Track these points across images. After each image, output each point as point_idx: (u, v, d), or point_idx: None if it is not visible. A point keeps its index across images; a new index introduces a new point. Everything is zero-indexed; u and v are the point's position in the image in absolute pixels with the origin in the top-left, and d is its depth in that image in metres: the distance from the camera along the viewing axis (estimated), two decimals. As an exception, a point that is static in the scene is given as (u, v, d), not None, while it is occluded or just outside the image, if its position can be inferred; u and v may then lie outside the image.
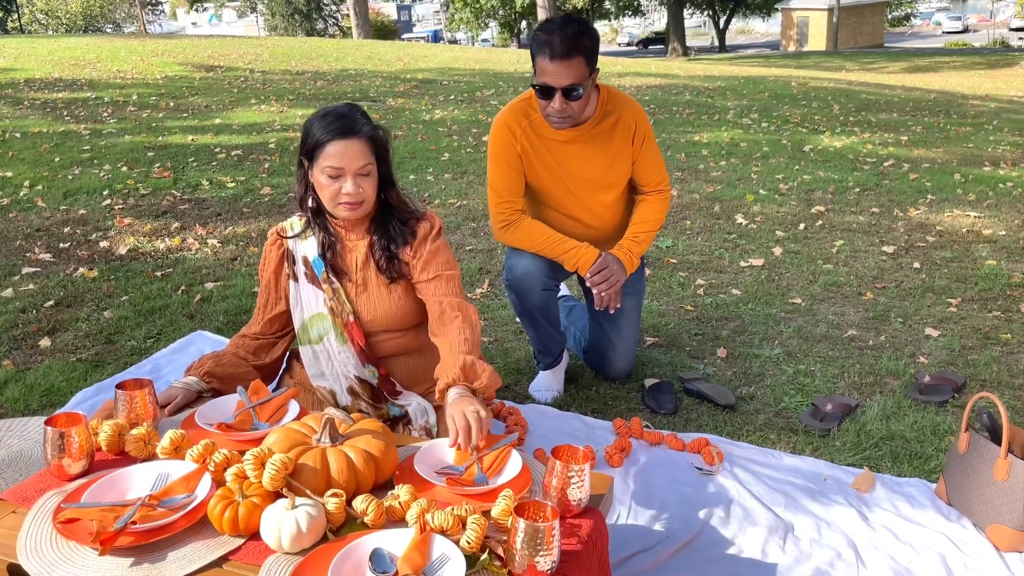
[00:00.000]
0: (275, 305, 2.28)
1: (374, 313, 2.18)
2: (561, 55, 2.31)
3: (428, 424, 2.18)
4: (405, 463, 1.78)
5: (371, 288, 2.19)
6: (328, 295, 2.19)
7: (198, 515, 1.57)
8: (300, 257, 2.22)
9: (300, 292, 2.22)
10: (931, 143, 7.79)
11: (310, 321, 2.23)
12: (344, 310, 2.19)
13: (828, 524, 2.16)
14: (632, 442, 2.51)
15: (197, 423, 1.89)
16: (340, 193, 2.05)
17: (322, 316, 2.21)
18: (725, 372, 3.01)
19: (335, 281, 2.19)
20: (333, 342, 2.21)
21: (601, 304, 2.55)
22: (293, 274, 2.23)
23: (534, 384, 2.81)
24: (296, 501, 1.52)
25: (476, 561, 1.47)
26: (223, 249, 4.41)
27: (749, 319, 3.46)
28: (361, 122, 2.06)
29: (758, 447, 2.50)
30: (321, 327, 2.21)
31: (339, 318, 2.19)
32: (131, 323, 3.43)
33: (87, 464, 1.74)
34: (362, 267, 2.19)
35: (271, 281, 2.27)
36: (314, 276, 2.20)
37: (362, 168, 2.05)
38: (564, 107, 2.39)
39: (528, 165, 2.57)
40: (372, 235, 2.18)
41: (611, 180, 2.60)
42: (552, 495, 1.61)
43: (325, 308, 2.20)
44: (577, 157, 2.54)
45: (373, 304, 2.18)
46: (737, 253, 4.32)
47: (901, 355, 3.12)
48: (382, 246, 2.17)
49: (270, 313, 2.29)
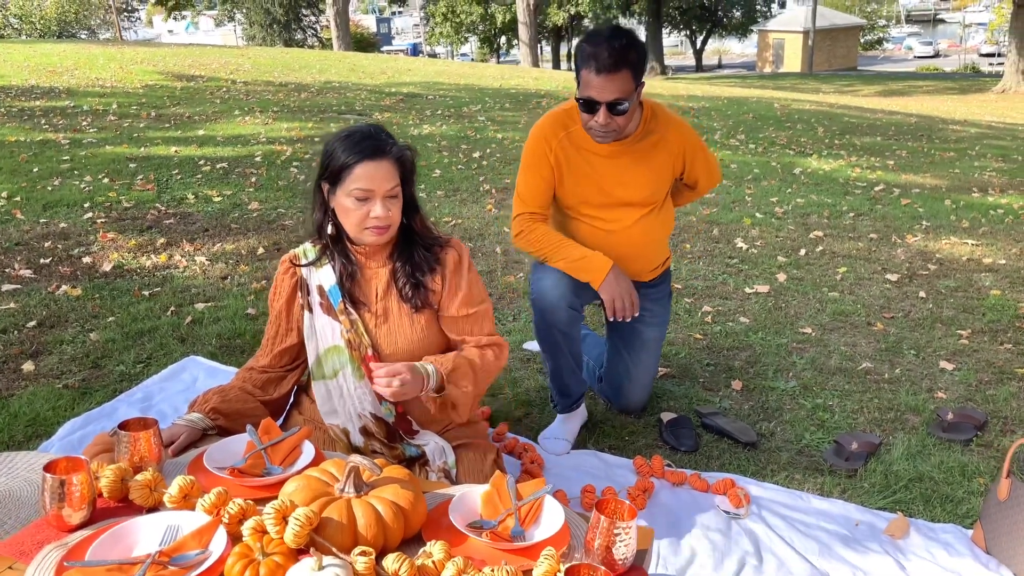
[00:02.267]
0: (286, 337, 2.15)
1: (395, 346, 2.06)
2: (608, 68, 2.23)
3: (446, 465, 2.06)
4: (433, 514, 1.66)
5: (392, 319, 2.07)
6: (345, 327, 2.06)
7: (214, 575, 1.44)
8: (315, 286, 2.09)
9: (315, 323, 2.10)
10: (918, 168, 7.82)
11: (325, 355, 2.10)
12: (362, 343, 2.06)
13: (865, 573, 2.06)
14: (654, 482, 2.41)
15: (206, 467, 1.76)
16: (368, 217, 1.95)
17: (339, 349, 2.08)
18: (742, 406, 2.92)
19: (353, 312, 2.06)
20: (349, 377, 2.08)
21: (615, 314, 2.44)
22: (308, 304, 2.11)
23: (546, 431, 2.67)
24: (323, 560, 1.40)
25: (523, 629, 1.36)
26: (212, 267, 4.26)
27: (760, 349, 3.38)
28: (389, 142, 1.97)
29: (785, 488, 2.41)
30: (337, 361, 2.08)
31: (356, 351, 2.07)
32: (119, 346, 3.27)
33: (88, 513, 1.60)
34: (383, 296, 2.07)
35: (283, 312, 2.14)
36: (330, 306, 2.07)
37: (391, 190, 1.95)
38: (608, 121, 2.31)
39: (560, 177, 2.49)
40: (395, 262, 2.07)
41: (647, 197, 2.52)
42: (596, 553, 1.50)
43: (342, 340, 2.07)
44: (615, 172, 2.47)
45: (394, 336, 2.06)
46: (741, 279, 4.25)
47: (919, 389, 3.05)
48: (406, 273, 2.06)
49: (280, 346, 2.16)
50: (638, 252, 2.58)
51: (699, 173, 2.62)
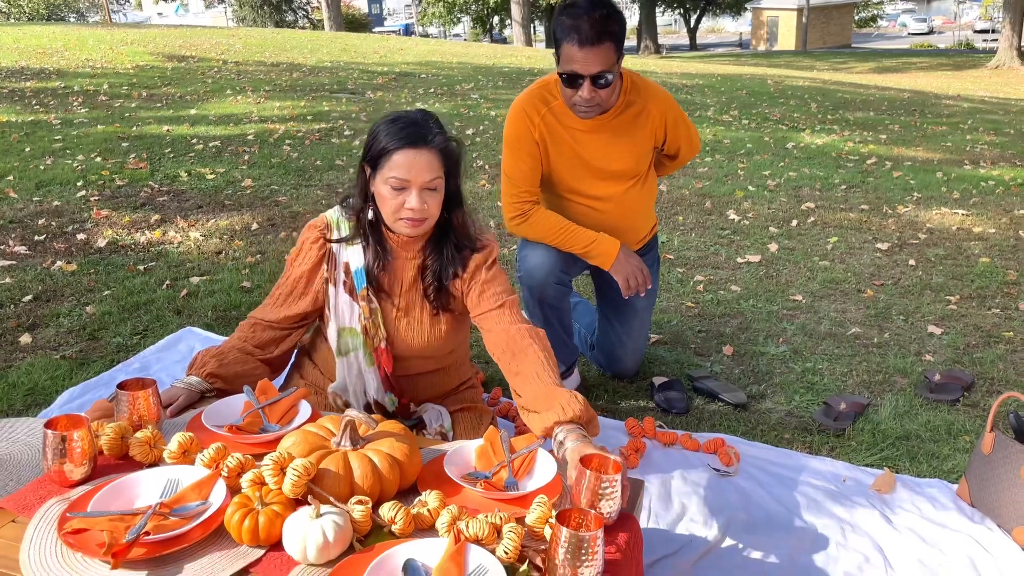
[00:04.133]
0: (299, 300, 2.10)
1: (412, 340, 2.04)
2: (590, 41, 2.21)
3: (443, 428, 2.09)
4: (429, 467, 1.70)
5: (414, 314, 2.04)
6: (364, 313, 2.04)
7: (214, 524, 1.48)
8: (342, 263, 2.05)
9: (337, 300, 2.07)
10: (910, 142, 7.84)
11: (342, 333, 2.08)
12: (378, 334, 2.04)
13: (852, 527, 2.11)
14: (646, 442, 2.45)
15: (205, 425, 1.79)
16: (403, 207, 1.89)
17: (354, 332, 2.06)
18: (733, 370, 2.95)
19: (374, 300, 2.03)
20: (361, 360, 2.08)
21: (629, 291, 2.47)
22: (333, 279, 2.07)
23: None
24: (321, 509, 1.43)
25: (514, 572, 1.39)
26: (206, 242, 4.27)
27: (752, 316, 3.42)
28: (434, 131, 1.89)
29: (774, 447, 2.45)
30: (352, 342, 2.07)
31: (371, 340, 2.06)
32: (115, 319, 3.29)
33: (89, 469, 1.63)
34: (408, 288, 2.04)
35: (304, 277, 2.08)
36: (353, 288, 2.04)
37: (430, 182, 1.87)
38: (592, 95, 2.30)
39: (546, 153, 2.47)
40: (427, 257, 2.02)
41: (631, 169, 2.52)
42: (582, 505, 1.53)
43: (359, 325, 2.05)
44: (598, 147, 2.45)
45: (413, 331, 2.04)
46: (733, 249, 4.28)
47: (907, 353, 3.09)
48: (434, 272, 2.01)
49: (292, 308, 2.10)
50: (627, 224, 2.59)
51: (680, 142, 2.60)
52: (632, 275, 2.44)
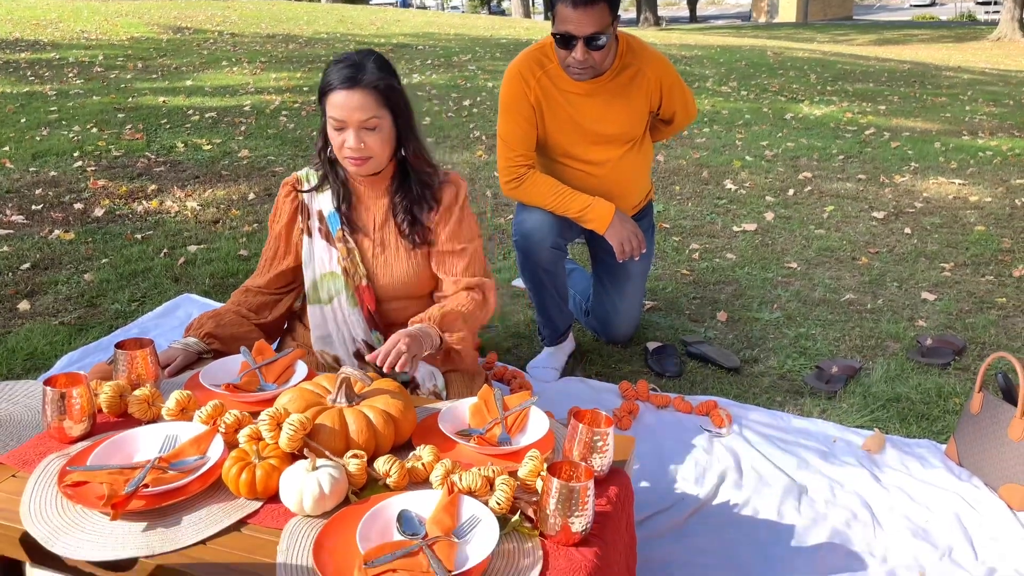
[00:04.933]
0: (283, 259, 2.18)
1: (390, 277, 2.09)
2: (584, 1, 2.20)
3: (436, 388, 2.11)
4: (423, 424, 1.72)
5: (390, 250, 2.09)
6: (342, 254, 2.10)
7: (212, 478, 1.50)
8: (315, 211, 2.12)
9: (313, 248, 2.13)
10: (909, 112, 7.81)
11: (321, 280, 2.14)
12: (357, 272, 2.10)
13: (841, 485, 2.14)
14: (639, 405, 2.47)
15: (202, 384, 1.81)
16: (344, 147, 1.94)
17: (334, 275, 2.11)
18: (726, 335, 2.98)
19: (350, 240, 2.09)
20: (344, 303, 2.12)
21: (624, 256, 2.48)
22: (307, 229, 2.13)
23: (535, 360, 2.73)
24: (317, 462, 1.46)
25: (507, 523, 1.42)
26: (203, 212, 4.28)
27: (746, 283, 3.44)
28: (370, 71, 1.92)
29: (766, 409, 2.48)
30: (332, 287, 2.12)
31: (351, 279, 2.10)
32: (113, 286, 3.31)
33: (89, 426, 1.65)
34: (380, 227, 2.09)
35: (282, 234, 2.16)
36: (328, 233, 2.10)
37: (366, 121, 1.91)
38: (586, 57, 2.30)
39: (541, 117, 2.47)
40: (393, 196, 2.07)
41: (627, 134, 2.52)
42: (574, 459, 1.56)
43: (338, 267, 2.11)
44: (594, 110, 2.46)
45: (390, 267, 2.09)
46: (729, 218, 4.29)
47: (900, 319, 3.11)
48: (404, 208, 2.06)
49: (277, 268, 2.18)
50: (622, 190, 2.60)
51: (676, 106, 2.59)
52: (627, 239, 2.46)
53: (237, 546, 1.38)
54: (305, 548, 1.36)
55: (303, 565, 1.32)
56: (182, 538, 1.38)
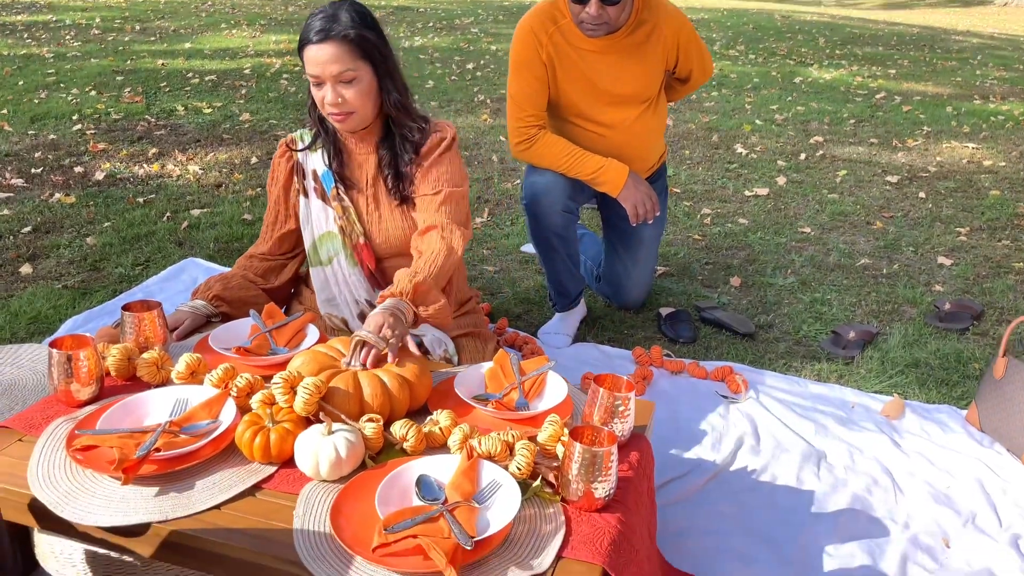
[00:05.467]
0: (284, 223, 2.14)
1: (386, 234, 2.04)
2: None
3: (447, 353, 2.07)
4: (439, 388, 1.68)
5: (383, 207, 2.04)
6: (338, 213, 2.05)
7: (224, 442, 1.47)
8: (310, 171, 2.07)
9: (310, 209, 2.08)
10: (919, 76, 7.69)
11: (320, 240, 2.09)
12: (354, 230, 2.05)
13: (861, 451, 2.11)
14: (653, 371, 2.43)
15: (212, 347, 1.77)
16: (324, 103, 1.88)
17: (332, 235, 2.07)
18: (740, 301, 2.93)
19: (345, 198, 2.04)
20: (343, 263, 2.08)
21: (637, 220, 2.43)
22: (303, 189, 2.09)
23: (546, 326, 2.68)
24: (333, 426, 1.42)
25: (527, 488, 1.39)
26: (206, 175, 4.21)
27: (759, 248, 3.38)
28: (342, 22, 1.82)
29: (782, 375, 2.44)
30: (331, 247, 2.07)
31: (349, 238, 2.05)
32: (116, 250, 3.26)
33: (97, 390, 1.61)
34: (372, 183, 2.04)
35: (280, 197, 2.12)
36: (324, 192, 2.05)
37: (340, 75, 1.83)
38: (600, 12, 2.22)
39: (553, 75, 2.39)
40: (381, 150, 2.01)
41: (642, 93, 2.45)
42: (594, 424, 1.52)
43: (335, 227, 2.06)
44: (608, 68, 2.38)
45: (386, 224, 2.04)
46: (740, 183, 4.23)
47: (916, 283, 3.06)
48: (388, 163, 2.00)
49: (279, 231, 2.14)
50: (635, 152, 2.53)
51: (693, 64, 2.51)
52: (640, 202, 2.40)
53: (252, 511, 1.34)
54: (322, 513, 1.32)
55: (320, 531, 1.29)
56: (196, 503, 1.34)
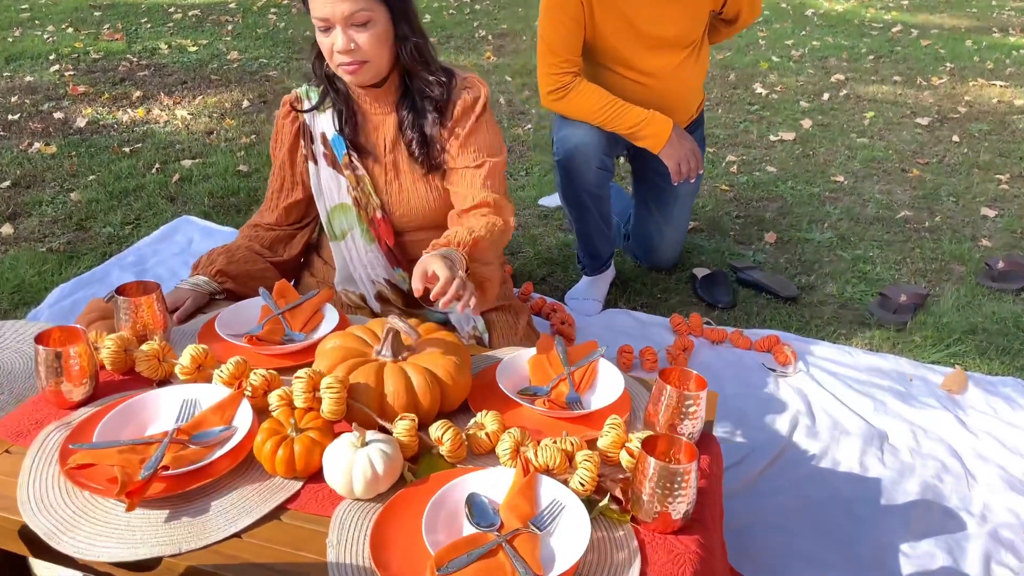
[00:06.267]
0: (292, 191, 1.90)
1: (407, 206, 1.81)
2: None
3: (477, 331, 1.87)
4: (478, 381, 1.49)
5: (403, 176, 1.80)
6: (351, 183, 1.81)
7: (242, 454, 1.28)
8: (318, 134, 1.82)
9: (320, 177, 1.85)
10: (933, 8, 7.38)
11: (333, 213, 1.86)
12: (370, 203, 1.81)
13: (924, 431, 1.95)
14: (693, 340, 2.26)
15: (219, 334, 1.57)
16: (333, 52, 1.63)
17: (345, 208, 1.84)
18: (777, 259, 2.74)
19: (359, 167, 1.80)
20: (358, 239, 1.85)
21: (680, 178, 2.21)
22: (311, 155, 1.84)
23: (573, 291, 2.48)
24: (367, 436, 1.24)
25: (593, 506, 1.21)
26: (195, 121, 3.94)
27: (792, 199, 3.18)
28: None
29: (832, 344, 2.27)
30: (345, 221, 1.85)
31: (364, 211, 1.83)
32: (103, 206, 3.02)
33: (91, 388, 1.42)
34: (392, 149, 1.79)
35: (285, 162, 1.88)
36: (335, 159, 1.81)
37: (353, 16, 1.59)
38: None
39: (591, 15, 2.14)
40: (401, 111, 1.75)
41: (685, 36, 2.21)
42: (659, 425, 1.34)
43: (349, 198, 1.83)
44: (651, 8, 2.13)
45: (407, 195, 1.81)
46: (764, 126, 3.99)
47: (962, 238, 2.88)
48: (412, 124, 1.74)
49: (286, 200, 1.91)
50: (676, 103, 2.29)
51: (743, 2, 2.29)
52: (684, 159, 2.18)
53: (278, 539, 1.16)
54: (360, 541, 1.15)
55: (360, 565, 1.11)
56: (212, 531, 1.17)
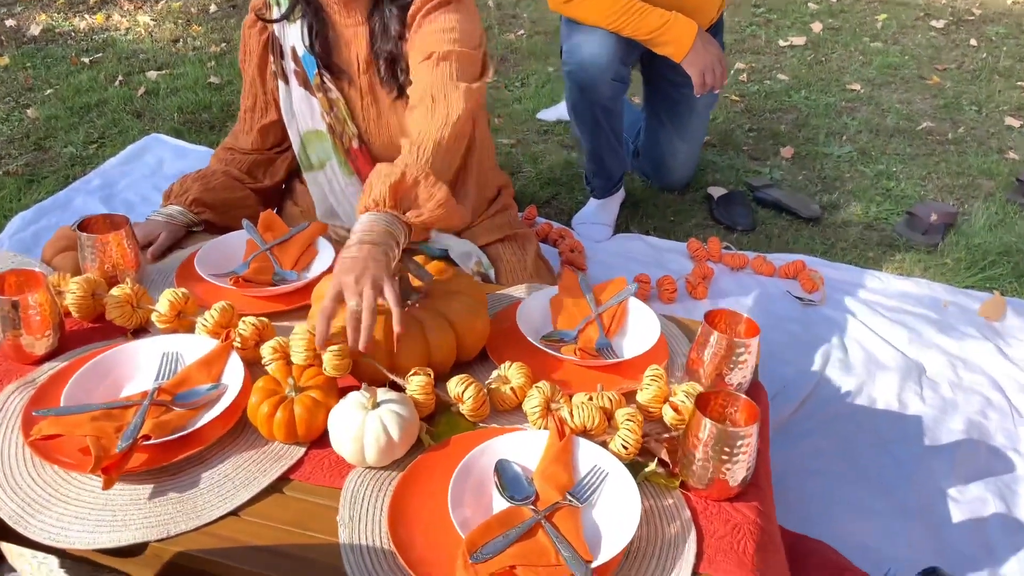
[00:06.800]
0: (265, 111, 1.67)
1: (387, 136, 1.60)
2: None
3: (481, 267, 1.69)
4: (496, 325, 1.32)
5: (381, 100, 1.58)
6: (324, 107, 1.60)
7: (234, 417, 1.12)
8: (288, 48, 1.59)
9: (292, 98, 1.62)
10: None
11: (307, 140, 1.65)
12: (345, 131, 1.61)
13: (964, 363, 1.83)
14: (712, 267, 2.10)
15: (200, 275, 1.39)
16: None
17: (320, 135, 1.62)
18: (795, 176, 2.56)
19: (332, 88, 1.57)
20: (338, 171, 1.65)
21: (704, 90, 2.01)
22: (281, 72, 1.61)
23: (581, 214, 2.29)
24: (378, 396, 1.08)
25: (638, 471, 1.07)
26: (159, 28, 3.64)
27: (807, 110, 2.98)
28: None
29: (860, 268, 2.12)
30: (321, 149, 1.64)
31: (340, 140, 1.62)
32: (63, 124, 2.77)
33: (54, 341, 1.24)
34: (366, 68, 1.56)
35: (256, 78, 1.64)
36: (306, 78, 1.59)
37: None
38: None
39: None
40: (373, 20, 1.51)
41: None
42: (703, 375, 1.19)
43: (323, 124, 1.62)
44: None
45: (385, 123, 1.59)
46: (772, 30, 3.75)
47: (988, 150, 2.71)
48: (383, 35, 1.50)
49: (260, 121, 1.68)
50: (695, 3, 2.05)
51: None
52: (709, 68, 1.97)
53: (281, 516, 1.02)
54: (376, 519, 1.00)
55: (377, 547, 0.97)
56: (204, 509, 1.02)
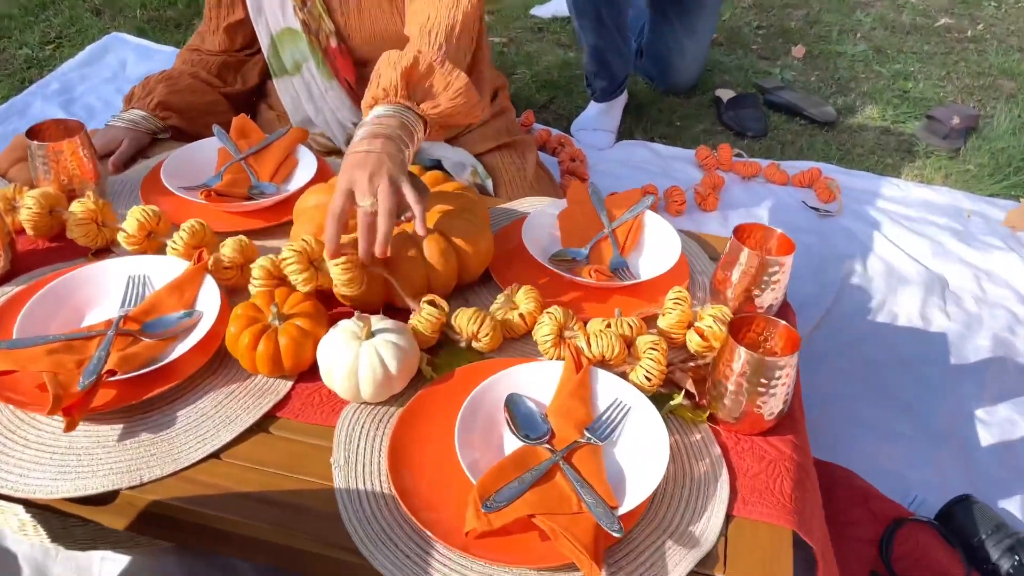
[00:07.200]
0: (232, 9, 1.50)
1: (369, 31, 1.43)
2: None
3: (478, 178, 1.54)
4: (499, 241, 1.20)
5: None
6: (297, 3, 1.43)
7: (211, 348, 1.00)
8: None
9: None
10: None
11: (279, 40, 1.47)
12: (322, 28, 1.44)
13: (988, 275, 1.73)
14: (722, 175, 1.97)
15: (168, 187, 1.24)
16: None
17: (294, 34, 1.45)
18: (808, 77, 2.41)
19: None
20: (316, 74, 1.48)
21: None
22: None
23: (581, 119, 2.14)
24: (372, 324, 0.96)
25: (662, 406, 0.97)
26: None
27: (818, 5, 2.79)
28: None
29: (878, 175, 2.00)
30: (296, 51, 1.46)
31: (316, 39, 1.45)
32: (17, 23, 2.55)
33: (6, 262, 1.12)
34: None
35: None
36: None
37: None
38: None
39: None
40: None
41: None
42: (731, 297, 1.08)
43: (296, 22, 1.45)
44: None
45: (367, 19, 1.42)
46: (778, -81, 3.51)
47: (1008, 49, 2.56)
48: None
49: (228, 19, 1.51)
50: None
51: None
52: None
53: (267, 459, 0.91)
54: (374, 461, 0.90)
55: (376, 491, 0.87)
56: (181, 452, 0.91)
